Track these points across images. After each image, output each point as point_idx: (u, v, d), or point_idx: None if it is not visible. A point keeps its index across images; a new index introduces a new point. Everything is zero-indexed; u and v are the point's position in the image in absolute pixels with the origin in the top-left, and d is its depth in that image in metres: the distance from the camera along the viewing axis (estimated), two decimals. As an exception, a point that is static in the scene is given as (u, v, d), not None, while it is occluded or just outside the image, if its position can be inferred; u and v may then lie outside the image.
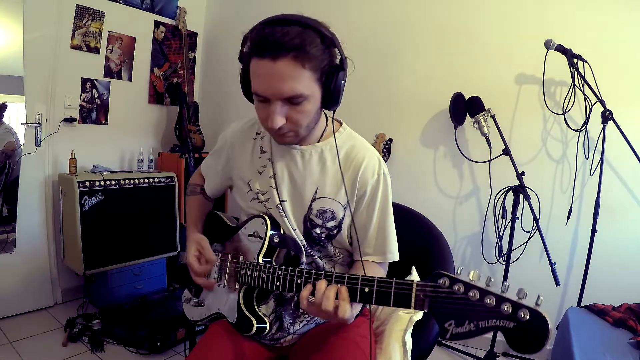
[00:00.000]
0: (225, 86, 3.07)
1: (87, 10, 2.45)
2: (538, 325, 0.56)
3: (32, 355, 1.93)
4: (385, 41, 2.39)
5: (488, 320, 0.59)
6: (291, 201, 0.98)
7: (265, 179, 1.00)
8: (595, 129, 1.87)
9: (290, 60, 0.76)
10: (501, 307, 0.58)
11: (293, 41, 0.76)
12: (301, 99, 0.81)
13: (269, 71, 0.78)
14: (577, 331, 1.44)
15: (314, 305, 0.78)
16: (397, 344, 1.00)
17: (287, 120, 0.84)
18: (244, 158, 1.04)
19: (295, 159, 0.97)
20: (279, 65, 0.77)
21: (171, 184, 2.62)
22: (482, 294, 0.60)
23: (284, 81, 0.78)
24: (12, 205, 2.80)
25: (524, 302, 0.58)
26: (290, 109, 0.83)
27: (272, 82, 0.79)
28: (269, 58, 0.77)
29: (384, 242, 0.98)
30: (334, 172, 0.96)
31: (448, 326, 0.62)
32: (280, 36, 0.75)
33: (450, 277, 0.64)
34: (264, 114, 0.85)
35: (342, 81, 0.85)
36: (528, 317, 0.56)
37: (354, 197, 0.96)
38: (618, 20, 1.86)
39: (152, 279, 2.60)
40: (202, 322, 1.11)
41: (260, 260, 0.95)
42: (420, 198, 2.26)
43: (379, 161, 0.98)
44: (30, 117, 2.29)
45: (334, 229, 0.98)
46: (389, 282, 0.71)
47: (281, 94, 0.80)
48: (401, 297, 0.69)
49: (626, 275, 1.87)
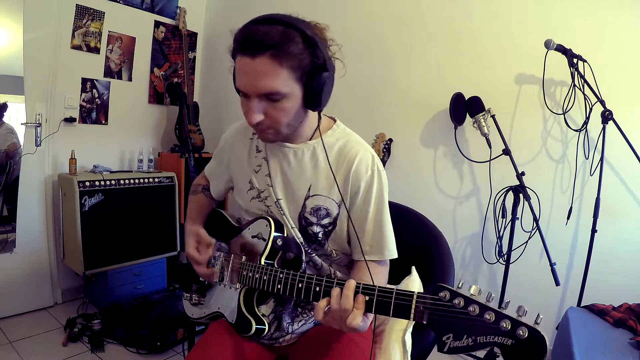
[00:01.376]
0: (225, 86, 3.06)
1: (87, 10, 2.45)
2: (536, 344, 0.56)
3: (32, 355, 1.93)
4: (385, 41, 2.39)
5: (486, 336, 0.59)
6: (285, 199, 0.99)
7: (262, 177, 1.01)
8: (595, 129, 1.87)
9: (268, 58, 0.79)
10: (500, 324, 0.59)
11: (272, 40, 0.78)
12: (278, 96, 0.83)
13: (248, 68, 0.81)
14: (577, 331, 1.44)
15: (330, 313, 0.76)
16: (397, 344, 1.00)
17: (266, 116, 0.86)
18: (242, 158, 1.06)
19: (288, 157, 0.98)
20: (256, 63, 0.79)
21: (171, 184, 2.62)
22: (481, 310, 0.61)
23: (261, 78, 0.80)
24: (12, 205, 2.81)
25: (524, 320, 0.58)
26: (269, 105, 0.84)
27: (249, 78, 0.82)
28: (249, 55, 0.80)
29: (380, 239, 0.97)
30: (327, 169, 0.96)
31: (446, 339, 0.63)
32: (262, 34, 0.78)
33: (451, 291, 0.64)
34: (245, 109, 0.87)
35: (325, 82, 0.85)
36: (527, 335, 0.56)
37: (347, 194, 0.96)
38: (618, 21, 1.86)
39: (152, 279, 2.60)
40: (201, 320, 1.11)
41: (263, 262, 0.95)
42: (420, 198, 2.26)
43: (373, 157, 0.98)
44: (30, 117, 2.29)
45: (329, 226, 0.98)
46: (389, 292, 0.71)
47: (258, 90, 0.82)
48: (401, 307, 0.69)
49: (626, 275, 1.86)
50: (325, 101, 0.88)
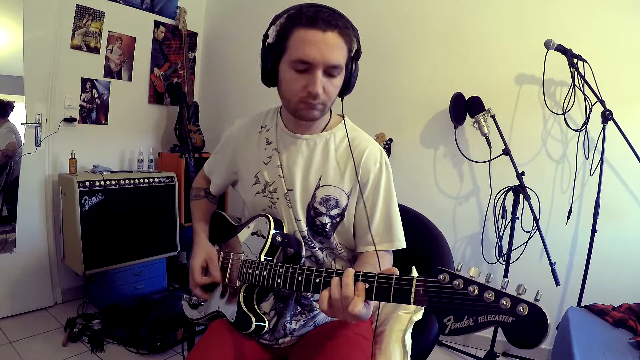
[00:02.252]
0: (225, 86, 3.07)
1: (87, 10, 2.45)
2: (537, 320, 0.56)
3: (32, 355, 1.93)
4: (386, 41, 2.39)
5: (487, 315, 0.59)
6: (296, 190, 1.00)
7: (272, 168, 1.02)
8: (595, 129, 1.87)
9: (337, 34, 0.86)
10: (500, 302, 0.58)
11: (337, 21, 0.86)
12: (339, 70, 0.89)
13: (318, 39, 0.84)
14: (577, 331, 1.44)
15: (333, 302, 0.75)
16: (397, 344, 1.00)
17: (324, 90, 0.89)
18: (249, 151, 1.07)
19: (301, 148, 1.00)
20: (327, 36, 0.85)
21: (171, 184, 2.62)
22: (481, 289, 0.61)
23: (332, 50, 0.85)
24: (12, 205, 2.81)
25: (523, 298, 0.58)
26: (327, 80, 0.88)
27: (319, 50, 0.85)
28: (319, 29, 0.84)
29: (390, 229, 0.99)
30: (337, 159, 1.00)
31: (447, 321, 0.62)
32: (328, 15, 0.86)
33: (450, 273, 0.64)
34: (302, 82, 0.88)
35: (357, 71, 0.95)
36: (527, 311, 0.56)
37: (357, 184, 0.98)
38: (618, 21, 1.86)
39: (152, 279, 2.60)
40: (201, 320, 1.11)
41: (262, 259, 0.96)
42: (420, 198, 2.26)
43: (381, 152, 1.02)
44: (30, 117, 2.29)
45: (337, 217, 1.00)
46: (389, 278, 0.71)
47: (329, 60, 0.86)
48: (401, 292, 0.69)
49: (626, 275, 1.87)
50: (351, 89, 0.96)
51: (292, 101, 0.92)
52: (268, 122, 1.07)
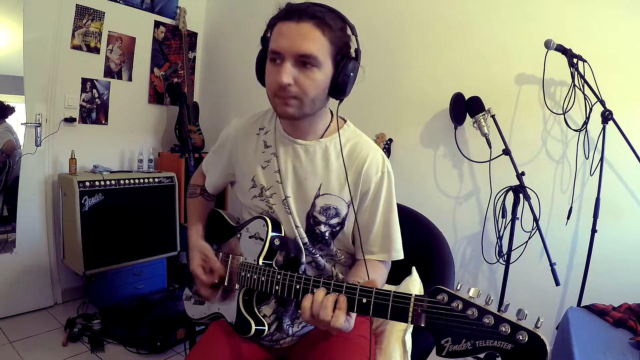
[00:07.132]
0: (225, 86, 3.06)
1: (87, 10, 2.45)
2: (536, 349, 0.54)
3: (32, 355, 1.93)
4: (385, 41, 2.38)
5: (485, 340, 0.58)
6: (294, 197, 0.98)
7: (270, 173, 0.99)
8: (595, 129, 1.87)
9: (311, 24, 0.83)
10: (499, 328, 0.57)
11: (316, 13, 0.84)
12: (313, 60, 0.84)
13: (289, 30, 0.83)
14: (577, 331, 1.44)
15: (313, 316, 0.76)
16: (397, 344, 1.00)
17: (295, 83, 0.85)
18: (247, 153, 1.04)
19: (299, 155, 0.97)
20: (300, 26, 0.83)
21: (171, 184, 2.62)
22: (480, 313, 0.60)
23: (302, 39, 0.83)
24: (12, 205, 2.81)
25: (523, 324, 0.56)
26: (300, 72, 0.85)
27: (289, 39, 0.83)
28: (293, 21, 0.83)
29: (388, 240, 0.98)
30: (338, 168, 0.96)
31: (445, 343, 0.62)
32: (306, 7, 0.84)
33: (449, 293, 0.63)
34: (274, 74, 0.86)
35: (353, 70, 0.89)
36: (527, 340, 0.55)
37: (357, 194, 0.96)
38: (618, 21, 1.86)
39: (152, 279, 2.60)
40: (202, 320, 1.11)
41: (261, 263, 0.94)
42: (420, 198, 2.26)
43: (383, 159, 0.99)
44: (30, 117, 2.30)
45: (337, 226, 0.98)
46: (387, 294, 0.70)
47: (295, 49, 0.83)
48: (399, 310, 0.68)
49: (626, 275, 1.86)
50: (348, 91, 0.91)
51: (270, 97, 0.90)
52: (266, 124, 1.04)
